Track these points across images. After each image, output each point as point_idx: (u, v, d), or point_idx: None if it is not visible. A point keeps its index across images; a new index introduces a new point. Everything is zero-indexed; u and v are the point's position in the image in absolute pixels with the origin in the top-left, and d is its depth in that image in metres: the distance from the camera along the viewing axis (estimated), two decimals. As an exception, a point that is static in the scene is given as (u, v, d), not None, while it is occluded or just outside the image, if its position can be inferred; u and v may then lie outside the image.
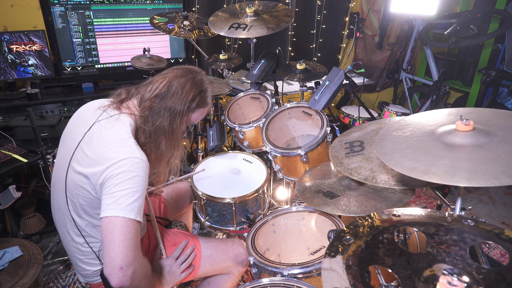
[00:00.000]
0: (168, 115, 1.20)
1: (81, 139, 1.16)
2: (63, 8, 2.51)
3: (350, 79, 1.89)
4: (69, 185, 1.17)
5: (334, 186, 1.44)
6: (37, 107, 2.46)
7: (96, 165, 1.08)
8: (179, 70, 1.27)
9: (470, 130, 1.02)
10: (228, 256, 1.46)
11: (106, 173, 1.06)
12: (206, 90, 1.30)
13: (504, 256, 2.35)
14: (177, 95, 1.21)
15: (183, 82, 1.23)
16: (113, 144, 1.10)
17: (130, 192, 1.04)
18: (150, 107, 1.20)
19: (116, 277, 1.01)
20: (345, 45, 3.88)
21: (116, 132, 1.14)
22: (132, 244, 1.03)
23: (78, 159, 1.14)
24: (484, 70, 3.14)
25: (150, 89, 1.22)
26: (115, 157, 1.07)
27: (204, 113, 1.35)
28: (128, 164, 1.06)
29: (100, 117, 1.18)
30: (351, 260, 0.81)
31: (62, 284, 2.05)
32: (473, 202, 2.92)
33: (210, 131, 2.21)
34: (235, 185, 1.78)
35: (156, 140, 1.21)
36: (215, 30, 2.25)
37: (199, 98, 1.26)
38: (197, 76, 1.28)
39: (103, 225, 1.03)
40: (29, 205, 2.38)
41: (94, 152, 1.11)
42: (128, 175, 1.05)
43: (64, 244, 1.30)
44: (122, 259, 1.01)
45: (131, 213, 1.03)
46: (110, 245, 1.02)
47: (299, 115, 2.05)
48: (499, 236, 0.82)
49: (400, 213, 0.95)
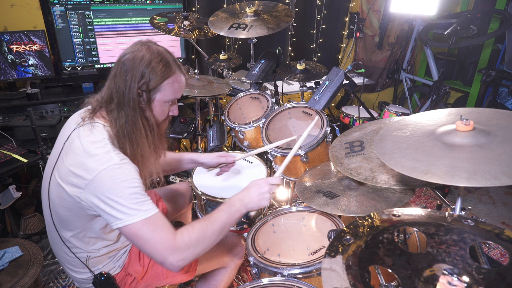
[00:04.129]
0: (123, 113, 1.10)
1: (62, 148, 1.13)
2: (63, 8, 2.51)
3: (350, 79, 1.89)
4: (51, 195, 1.15)
5: (334, 186, 1.43)
6: (37, 107, 2.46)
7: (74, 176, 1.04)
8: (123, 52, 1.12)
9: (470, 130, 1.02)
10: (224, 249, 1.47)
11: (93, 187, 1.02)
12: (156, 57, 1.09)
13: (504, 256, 2.35)
14: (122, 85, 1.08)
15: (125, 66, 1.08)
16: (90, 153, 1.04)
17: (127, 197, 1.02)
18: (112, 110, 1.11)
19: (172, 267, 1.04)
20: (345, 45, 3.88)
21: (92, 139, 1.08)
22: (162, 233, 1.03)
23: (58, 168, 1.11)
24: (484, 70, 3.13)
25: (106, 91, 1.13)
26: (95, 168, 1.02)
27: (177, 85, 1.16)
28: (109, 173, 1.02)
29: (77, 126, 1.13)
30: (351, 260, 0.81)
31: (62, 284, 2.05)
32: (473, 202, 2.91)
33: (210, 131, 2.21)
34: (235, 185, 1.78)
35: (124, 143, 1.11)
36: (215, 30, 2.25)
37: (150, 70, 1.08)
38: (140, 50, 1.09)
39: (126, 234, 1.03)
40: (29, 205, 2.38)
41: (71, 161, 1.06)
42: (118, 185, 1.01)
43: (54, 252, 1.30)
44: (158, 255, 1.02)
45: (145, 213, 1.02)
46: (145, 248, 1.03)
47: (299, 115, 2.05)
48: (499, 236, 0.82)
49: (400, 213, 0.95)
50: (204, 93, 2.22)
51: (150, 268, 1.34)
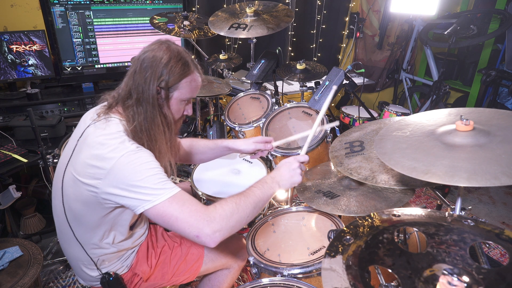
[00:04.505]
0: (142, 109, 1.12)
1: (76, 143, 1.14)
2: (63, 8, 2.51)
3: (350, 79, 1.89)
4: (66, 190, 1.15)
5: (334, 186, 1.43)
6: (37, 107, 2.46)
7: (92, 168, 1.05)
8: (142, 50, 1.15)
9: (470, 130, 1.02)
10: (228, 250, 1.47)
11: (112, 176, 1.03)
12: (176, 56, 1.12)
13: (504, 256, 2.35)
14: (142, 82, 1.11)
15: (146, 63, 1.10)
16: (107, 144, 1.06)
17: (149, 179, 1.03)
18: (130, 106, 1.13)
19: (208, 239, 1.02)
20: (345, 45, 3.87)
21: (109, 132, 1.09)
22: (192, 206, 1.04)
23: (73, 163, 1.12)
24: (484, 70, 3.13)
25: (124, 88, 1.16)
26: (112, 157, 1.03)
27: (194, 84, 1.19)
28: (126, 160, 1.03)
29: (93, 121, 1.14)
30: (351, 260, 0.81)
31: (62, 284, 2.04)
32: (473, 202, 2.91)
33: (210, 131, 2.21)
34: (235, 185, 1.78)
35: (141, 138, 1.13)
36: (215, 30, 2.25)
37: (169, 68, 1.11)
38: (160, 49, 1.12)
39: (154, 215, 1.03)
40: (29, 205, 2.38)
41: (88, 155, 1.07)
42: (135, 170, 1.03)
43: (62, 249, 1.29)
44: (190, 231, 1.02)
45: (170, 191, 1.03)
46: (177, 225, 1.03)
47: (299, 115, 2.05)
48: (499, 236, 0.82)
49: (400, 213, 0.95)
50: (204, 93, 2.23)
51: (156, 268, 1.34)
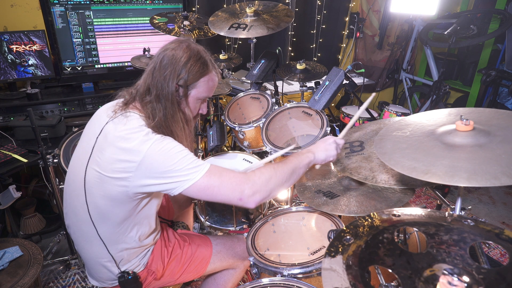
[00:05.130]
0: (161, 106, 1.15)
1: (96, 140, 1.14)
2: (63, 8, 2.51)
3: (350, 79, 1.89)
4: (89, 187, 1.13)
5: (334, 186, 1.43)
6: (37, 107, 2.46)
7: (121, 162, 1.07)
8: (162, 48, 1.18)
9: (470, 130, 1.02)
10: (235, 251, 1.49)
11: (144, 168, 1.05)
12: (195, 55, 1.16)
13: (504, 256, 2.35)
14: (162, 79, 1.14)
15: (166, 60, 1.14)
16: (132, 138, 1.07)
17: (181, 161, 1.06)
18: (148, 103, 1.16)
19: (249, 199, 1.10)
20: (345, 45, 3.87)
21: (131, 126, 1.11)
22: (230, 173, 1.10)
23: (97, 161, 1.12)
24: (484, 70, 3.13)
25: (142, 84, 1.18)
26: (140, 150, 1.05)
27: (211, 84, 1.23)
28: (155, 149, 1.06)
29: (111, 118, 1.16)
30: (351, 260, 0.81)
31: (62, 284, 2.05)
32: (473, 202, 2.91)
33: (210, 131, 2.21)
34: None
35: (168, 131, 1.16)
36: (215, 30, 2.25)
37: (189, 67, 1.14)
38: (181, 46, 1.15)
39: (194, 192, 1.08)
40: (29, 205, 2.38)
41: (113, 150, 1.08)
42: (166, 156, 1.06)
43: (79, 248, 1.27)
44: (233, 196, 1.09)
45: (204, 167, 1.08)
46: (220, 193, 1.09)
47: (299, 115, 2.05)
48: (499, 236, 0.82)
49: (400, 213, 0.95)
50: (204, 93, 2.22)
51: (168, 266, 1.35)
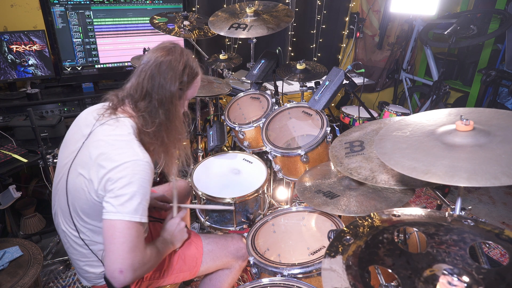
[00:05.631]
0: (162, 110, 1.18)
1: (84, 142, 1.16)
2: (63, 8, 2.51)
3: (350, 79, 1.89)
4: (70, 188, 1.16)
5: (334, 186, 1.43)
6: (37, 107, 2.46)
7: (98, 167, 1.08)
8: (155, 54, 1.20)
9: (470, 130, 1.02)
10: (228, 250, 1.47)
11: (109, 176, 1.05)
12: (189, 60, 1.24)
13: (504, 256, 2.35)
14: (164, 83, 1.17)
15: (165, 65, 1.18)
16: (115, 146, 1.09)
17: (135, 194, 1.04)
18: (145, 107, 1.18)
19: (117, 280, 1.02)
20: (345, 45, 3.87)
21: (119, 132, 1.13)
22: (132, 247, 1.03)
23: (80, 162, 1.13)
24: (484, 70, 3.13)
25: (137, 89, 1.19)
26: (118, 160, 1.06)
27: (199, 84, 1.31)
28: (131, 167, 1.06)
29: (100, 120, 1.17)
30: (351, 260, 0.81)
31: (62, 284, 2.04)
32: (473, 202, 2.91)
33: (210, 131, 2.21)
34: (235, 185, 1.78)
35: (160, 137, 1.20)
36: (215, 30, 2.25)
37: (187, 71, 1.22)
38: (175, 51, 1.21)
39: (105, 227, 1.03)
40: (29, 205, 2.38)
41: (96, 154, 1.10)
42: (131, 178, 1.05)
43: (65, 248, 1.29)
44: (122, 262, 1.01)
45: (135, 216, 1.04)
46: (110, 248, 1.02)
47: (299, 115, 2.05)
48: (499, 236, 0.82)
49: (400, 213, 0.95)
50: (204, 93, 2.22)
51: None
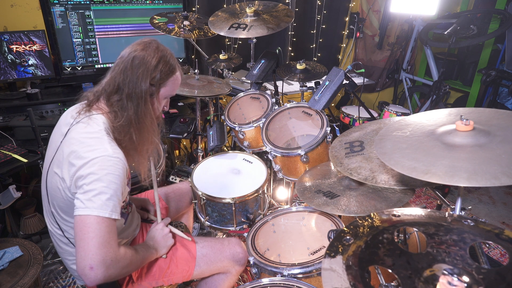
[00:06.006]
0: (132, 104, 1.17)
1: (61, 142, 1.16)
2: (63, 8, 2.51)
3: (350, 79, 1.89)
4: (49, 188, 1.18)
5: (334, 186, 1.43)
6: (37, 107, 2.46)
7: (70, 165, 1.08)
8: (130, 48, 1.20)
9: (470, 130, 1.02)
10: (224, 255, 1.44)
11: (79, 173, 1.06)
12: (165, 56, 1.21)
13: (504, 256, 2.35)
14: (135, 78, 1.16)
15: (138, 60, 1.17)
16: (85, 144, 1.10)
17: (104, 190, 1.04)
18: (116, 102, 1.18)
19: (88, 277, 1.00)
20: (345, 45, 3.87)
21: (89, 130, 1.13)
22: (103, 242, 1.01)
23: (56, 161, 1.15)
24: (484, 70, 3.13)
25: (110, 83, 1.19)
26: (87, 157, 1.06)
27: (177, 81, 1.27)
28: (99, 162, 1.06)
29: (76, 119, 1.18)
30: (351, 260, 0.81)
31: (62, 284, 2.05)
32: (473, 202, 2.91)
33: (210, 131, 2.21)
34: (235, 185, 1.78)
35: (128, 133, 1.19)
36: (215, 30, 2.25)
37: (160, 67, 1.19)
38: (150, 47, 1.19)
39: (75, 224, 1.03)
40: (29, 205, 2.38)
41: (68, 152, 1.11)
42: (100, 173, 1.04)
43: (55, 247, 1.31)
44: (92, 258, 0.99)
45: (104, 212, 1.03)
46: (80, 245, 1.01)
47: (299, 115, 2.05)
48: (499, 236, 0.82)
49: (400, 213, 0.95)
50: (204, 93, 2.22)
51: (144, 268, 1.34)
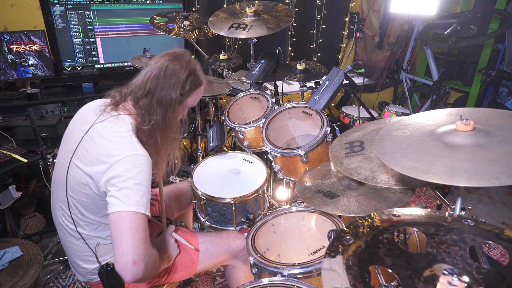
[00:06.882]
0: (160, 110, 1.21)
1: (83, 137, 1.17)
2: (63, 8, 2.51)
3: (350, 79, 1.89)
4: (70, 182, 1.18)
5: (334, 186, 1.43)
6: (37, 107, 2.46)
7: (99, 163, 1.10)
8: (163, 57, 1.25)
9: (470, 130, 1.02)
10: (224, 249, 1.48)
11: (111, 171, 1.07)
12: (195, 69, 1.29)
13: (504, 256, 2.35)
14: (166, 86, 1.21)
15: (170, 70, 1.22)
16: (115, 142, 1.12)
17: (138, 187, 1.06)
18: (145, 105, 1.21)
19: (130, 272, 1.01)
20: (345, 45, 3.87)
21: (118, 129, 1.15)
22: (143, 237, 1.05)
23: (80, 157, 1.15)
24: (484, 70, 3.13)
25: (141, 87, 1.22)
26: (119, 154, 1.08)
27: (201, 93, 1.35)
28: (132, 160, 1.08)
29: (101, 117, 1.20)
30: (351, 260, 0.81)
31: (62, 284, 2.05)
32: (473, 202, 2.91)
33: (210, 131, 2.21)
34: (235, 185, 1.78)
35: (153, 136, 1.22)
36: (215, 30, 2.25)
37: (191, 79, 1.25)
38: (183, 59, 1.26)
39: (113, 220, 1.04)
40: (29, 205, 2.38)
41: (96, 150, 1.12)
42: (134, 171, 1.07)
43: (62, 242, 1.31)
44: (135, 253, 1.02)
45: (141, 208, 1.05)
46: (121, 240, 1.02)
47: (299, 115, 2.05)
48: (499, 236, 0.82)
49: (400, 213, 0.95)
50: (204, 93, 2.22)
51: None
